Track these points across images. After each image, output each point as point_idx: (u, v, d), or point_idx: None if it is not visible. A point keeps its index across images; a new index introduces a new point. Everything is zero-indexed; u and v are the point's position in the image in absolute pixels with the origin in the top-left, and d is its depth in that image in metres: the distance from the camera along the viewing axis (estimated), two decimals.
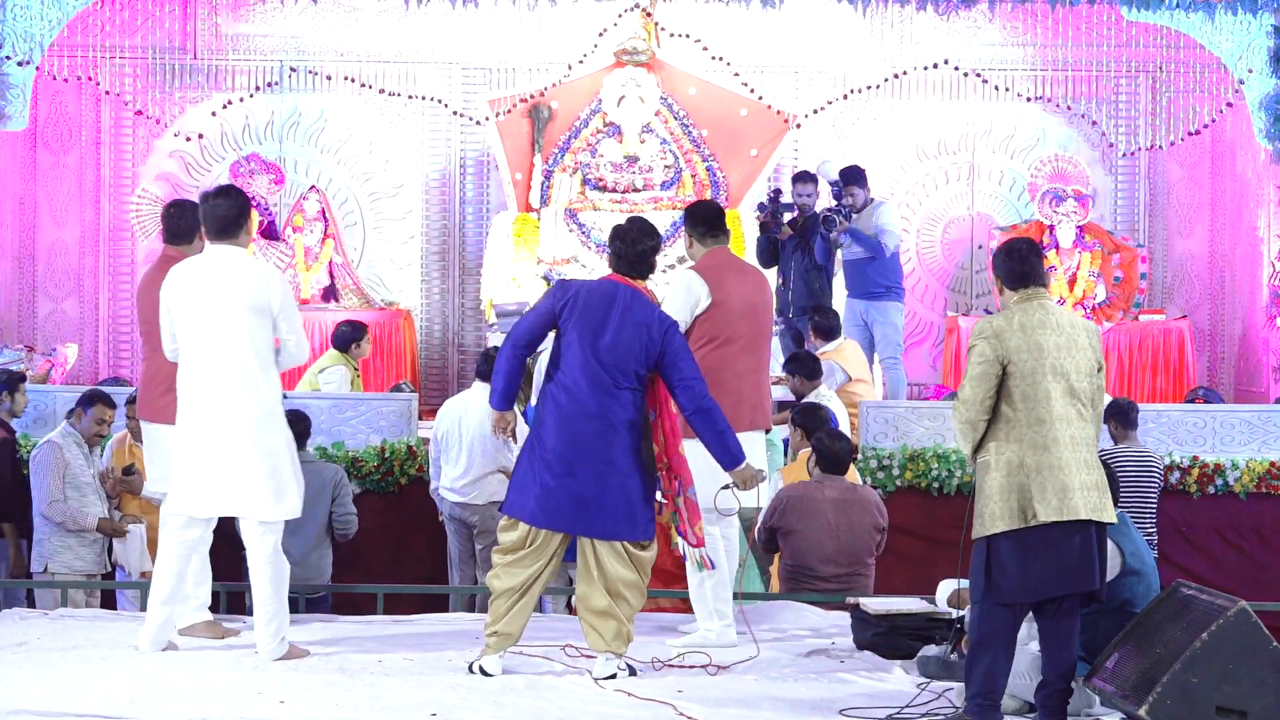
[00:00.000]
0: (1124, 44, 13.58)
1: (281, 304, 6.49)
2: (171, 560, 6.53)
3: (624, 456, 6.22)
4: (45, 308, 14.00)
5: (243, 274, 6.49)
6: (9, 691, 5.72)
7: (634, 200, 13.14)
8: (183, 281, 6.55)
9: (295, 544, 8.03)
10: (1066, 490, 5.42)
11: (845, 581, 7.75)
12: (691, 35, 13.37)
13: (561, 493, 6.18)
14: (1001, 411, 5.53)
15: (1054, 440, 5.46)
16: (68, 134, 13.98)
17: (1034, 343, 5.51)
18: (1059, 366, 5.50)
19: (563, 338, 6.31)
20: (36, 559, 8.64)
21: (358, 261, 14.02)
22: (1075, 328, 5.61)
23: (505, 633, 6.25)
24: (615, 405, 6.22)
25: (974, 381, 5.54)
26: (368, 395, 10.79)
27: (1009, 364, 5.50)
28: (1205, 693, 5.17)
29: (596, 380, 6.20)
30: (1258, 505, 9.92)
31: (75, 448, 8.62)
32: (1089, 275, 13.39)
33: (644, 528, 6.27)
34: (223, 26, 13.92)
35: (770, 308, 7.19)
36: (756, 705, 5.81)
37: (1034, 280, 5.66)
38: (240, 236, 6.58)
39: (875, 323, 11.11)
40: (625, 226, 6.55)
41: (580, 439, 6.19)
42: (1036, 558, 5.42)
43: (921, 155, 14.20)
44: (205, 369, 6.44)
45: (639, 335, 6.23)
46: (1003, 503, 5.46)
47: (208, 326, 6.43)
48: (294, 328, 6.54)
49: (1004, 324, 5.56)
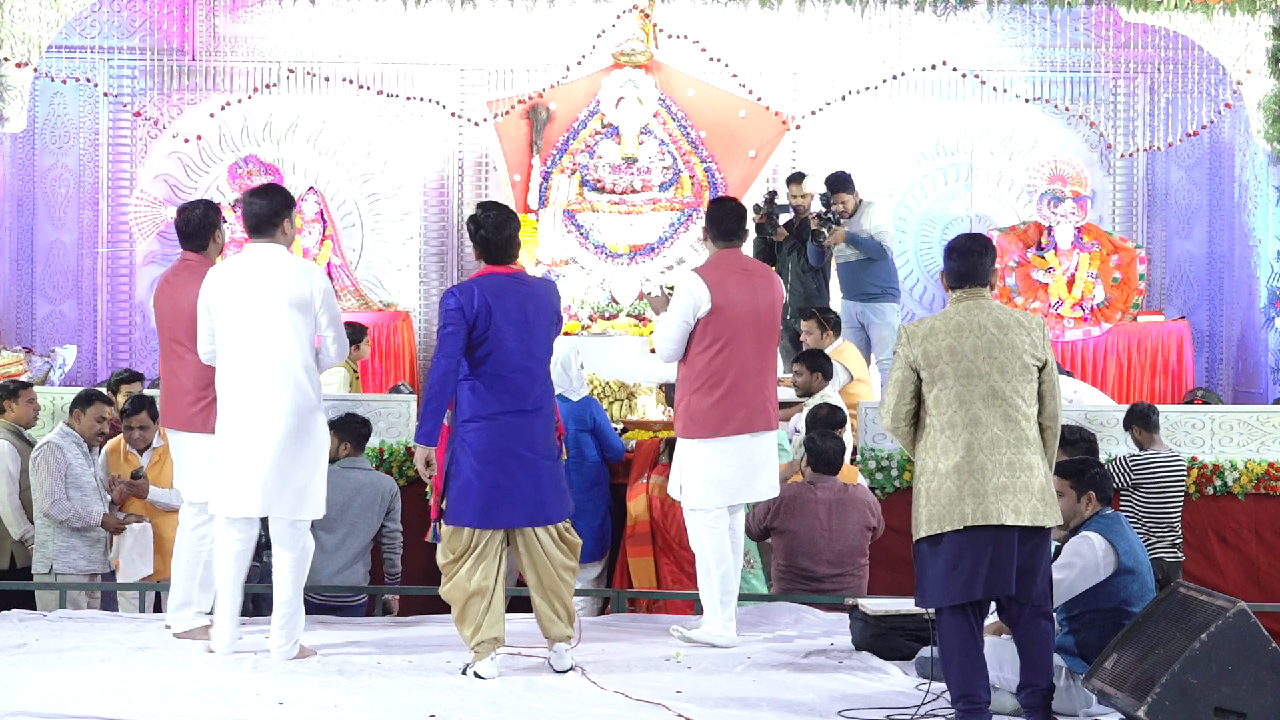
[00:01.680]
0: (1122, 45, 13.60)
1: (324, 299, 6.50)
2: (228, 563, 6.54)
3: (543, 441, 6.44)
4: (43, 309, 14.00)
5: (284, 270, 6.49)
6: (8, 693, 5.72)
7: (632, 201, 13.15)
8: (223, 281, 6.53)
9: (339, 554, 8.08)
10: (981, 495, 5.41)
11: (838, 581, 7.77)
12: (690, 37, 13.37)
13: (500, 489, 6.30)
14: (920, 417, 5.55)
15: (967, 445, 5.43)
16: (66, 135, 13.98)
17: (946, 347, 5.48)
18: (974, 369, 5.46)
19: (481, 340, 6.35)
20: (40, 560, 8.62)
21: (356, 263, 14.02)
22: (1004, 327, 5.50)
23: (492, 637, 6.30)
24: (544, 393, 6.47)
25: (889, 389, 5.61)
26: (366, 396, 10.78)
27: (920, 370, 5.51)
28: (1204, 693, 5.17)
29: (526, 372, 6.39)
30: (1256, 506, 9.91)
31: (75, 448, 8.61)
32: (1087, 276, 13.39)
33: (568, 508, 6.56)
34: (221, 28, 13.92)
35: (777, 308, 7.17)
36: (755, 705, 5.81)
37: (972, 280, 5.60)
38: (277, 234, 6.56)
39: (872, 324, 11.09)
40: (481, 215, 6.52)
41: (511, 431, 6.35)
42: (956, 562, 5.41)
43: (920, 156, 14.20)
44: (247, 367, 6.42)
45: (546, 323, 6.47)
46: (925, 508, 5.50)
47: (250, 324, 6.42)
48: (336, 324, 6.56)
49: (918, 329, 5.57)
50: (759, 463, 7.04)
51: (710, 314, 6.88)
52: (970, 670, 5.44)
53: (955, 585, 5.42)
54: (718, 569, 6.93)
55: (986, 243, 5.76)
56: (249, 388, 6.42)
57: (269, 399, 6.41)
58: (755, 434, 6.98)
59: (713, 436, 6.92)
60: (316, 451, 6.53)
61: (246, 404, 6.43)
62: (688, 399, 6.97)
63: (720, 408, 6.89)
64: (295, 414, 6.43)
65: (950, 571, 5.42)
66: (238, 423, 6.45)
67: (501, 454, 6.32)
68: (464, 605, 6.32)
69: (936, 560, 5.46)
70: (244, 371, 6.44)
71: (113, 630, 7.03)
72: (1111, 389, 12.70)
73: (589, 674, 6.24)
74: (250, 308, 6.44)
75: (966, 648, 5.45)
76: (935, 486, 5.46)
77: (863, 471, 9.67)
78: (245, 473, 6.44)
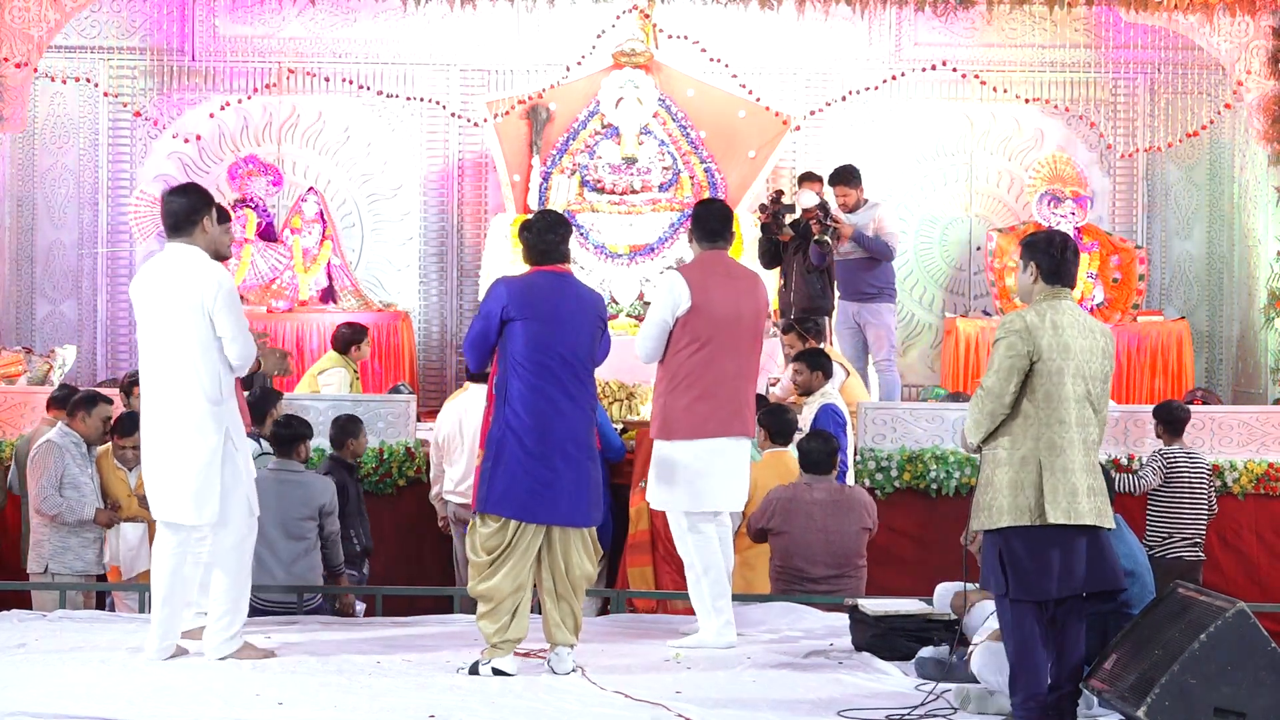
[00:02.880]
0: (1122, 45, 13.60)
1: (220, 302, 6.32)
2: (160, 572, 6.47)
3: (588, 442, 6.40)
4: (43, 309, 14.00)
5: (185, 271, 6.39)
6: (8, 693, 5.72)
7: (632, 202, 13.14)
8: (140, 281, 6.53)
9: (280, 559, 7.92)
10: (1075, 494, 5.42)
11: (835, 582, 7.76)
12: (690, 37, 13.37)
13: (545, 484, 6.25)
14: (1022, 407, 5.49)
15: (1070, 442, 5.45)
16: (66, 135, 13.97)
17: (1063, 342, 5.49)
18: (1082, 369, 5.50)
19: (513, 333, 6.35)
20: (35, 560, 8.62)
21: (356, 263, 14.02)
22: (1095, 332, 5.60)
23: (517, 637, 6.28)
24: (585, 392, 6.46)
25: (1001, 374, 5.50)
26: (366, 397, 10.79)
27: (1038, 360, 5.47)
28: (1203, 694, 5.16)
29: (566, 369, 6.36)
30: (1256, 506, 9.93)
31: (73, 448, 8.62)
32: (1087, 276, 13.39)
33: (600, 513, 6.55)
34: (221, 28, 13.92)
35: (761, 314, 7.08)
36: (754, 706, 5.80)
37: (1066, 280, 5.65)
38: (196, 233, 6.43)
39: (868, 324, 11.06)
40: (533, 219, 6.63)
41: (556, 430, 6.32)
42: (1052, 556, 5.40)
43: (919, 157, 14.20)
44: (149, 368, 6.42)
45: (590, 322, 6.47)
46: (1012, 498, 5.44)
47: (154, 325, 6.40)
48: (234, 327, 6.36)
49: (1036, 320, 5.52)
50: (734, 468, 6.95)
51: (689, 313, 6.80)
52: (1038, 669, 5.43)
53: (1049, 580, 5.40)
54: (706, 574, 6.86)
55: (1076, 245, 5.84)
56: (148, 389, 6.43)
57: (159, 400, 6.38)
58: (732, 438, 6.91)
59: (686, 438, 6.83)
60: (203, 454, 6.34)
61: (146, 405, 6.44)
62: (663, 399, 6.90)
63: (695, 410, 6.80)
64: (179, 415, 6.34)
65: (1044, 566, 5.40)
66: (144, 424, 6.47)
67: (549, 449, 6.27)
68: (499, 604, 6.26)
69: (1031, 552, 5.42)
70: (147, 372, 6.44)
71: (113, 630, 7.03)
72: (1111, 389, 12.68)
73: (589, 674, 6.23)
74: (155, 308, 6.40)
75: (1037, 644, 5.43)
76: (1030, 478, 5.42)
77: (862, 472, 9.68)
78: (148, 474, 6.48)
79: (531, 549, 6.29)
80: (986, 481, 5.54)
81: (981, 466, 5.60)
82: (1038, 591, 5.43)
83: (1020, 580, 5.43)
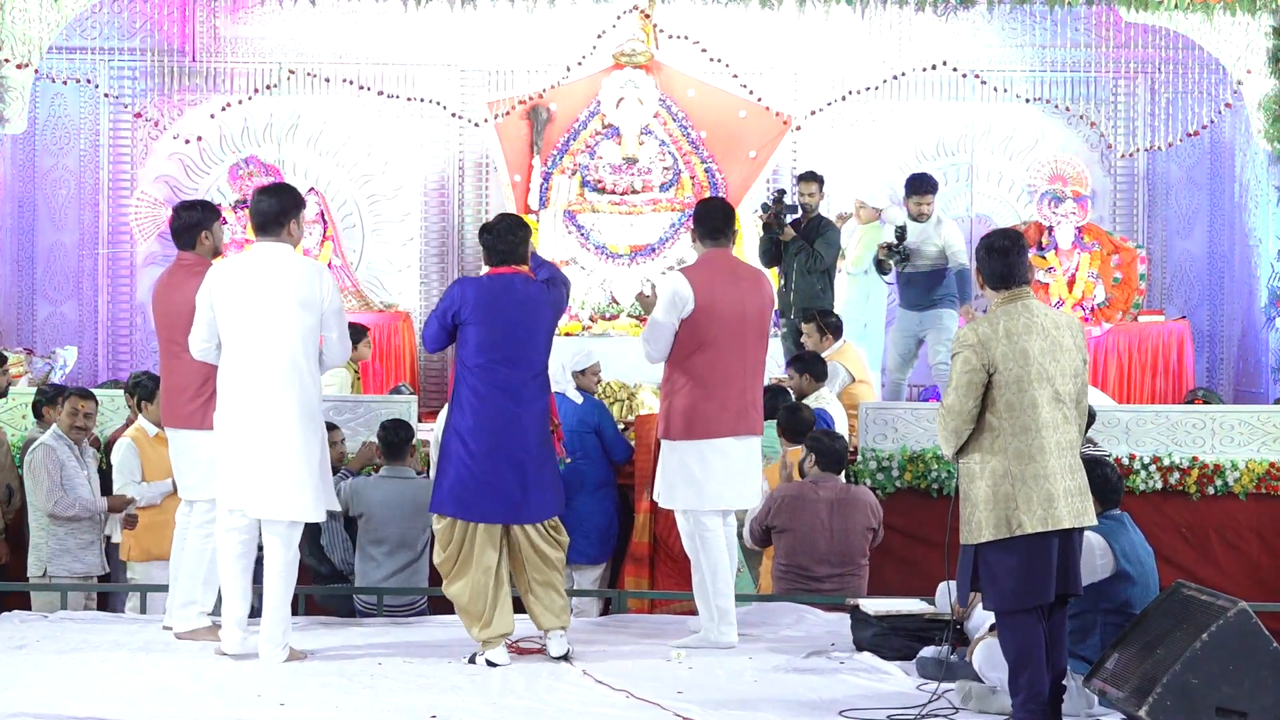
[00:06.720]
0: (1122, 45, 13.59)
1: (331, 299, 6.49)
2: (230, 562, 6.51)
3: (537, 441, 6.55)
4: (44, 310, 14.00)
5: (292, 269, 6.48)
6: (8, 693, 5.73)
7: (633, 202, 13.14)
8: (229, 278, 6.51)
9: (387, 564, 8.01)
10: (1051, 499, 5.40)
11: (839, 581, 7.76)
12: (690, 37, 13.36)
13: (485, 484, 6.40)
14: (986, 420, 5.48)
15: (1039, 448, 5.42)
16: (67, 137, 13.98)
17: (1019, 350, 5.45)
18: (1044, 372, 5.45)
19: (465, 337, 6.51)
20: (34, 563, 8.62)
21: (356, 264, 14.02)
22: (1059, 328, 5.53)
23: (501, 632, 6.36)
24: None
25: (960, 391, 5.48)
26: (367, 397, 10.78)
27: (994, 373, 5.45)
28: (1205, 693, 5.17)
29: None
30: (1257, 506, 9.91)
31: (66, 448, 8.61)
32: (1088, 276, 13.39)
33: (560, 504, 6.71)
34: (221, 29, 13.92)
35: (766, 312, 7.08)
36: (756, 706, 5.81)
37: (1016, 279, 5.57)
38: (283, 234, 6.54)
39: (931, 330, 11.02)
40: (493, 221, 6.77)
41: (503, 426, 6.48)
42: (1029, 565, 5.40)
43: (920, 157, 14.18)
44: (253, 366, 6.40)
45: (544, 321, 6.63)
46: (989, 512, 5.44)
47: (257, 323, 6.40)
48: (341, 325, 6.55)
49: (989, 331, 5.48)
50: (741, 468, 6.97)
51: (694, 314, 6.82)
52: (1040, 671, 5.43)
53: (1034, 588, 5.40)
54: (710, 574, 6.89)
55: (1019, 237, 5.74)
56: (254, 386, 6.40)
57: (274, 398, 6.39)
58: (739, 438, 6.92)
59: (693, 439, 6.85)
60: (319, 453, 6.50)
61: (251, 403, 6.41)
62: (670, 399, 6.92)
63: (702, 410, 6.82)
64: (300, 414, 6.41)
65: (1028, 575, 5.40)
66: (241, 422, 6.43)
67: (493, 449, 6.42)
68: (466, 607, 6.37)
69: (1009, 564, 5.41)
70: (249, 370, 6.41)
71: (114, 631, 7.04)
72: (1112, 389, 12.70)
73: (590, 673, 6.24)
74: (257, 306, 6.42)
75: (1037, 649, 5.43)
76: (1006, 490, 5.41)
77: (863, 473, 9.68)
78: (248, 472, 6.43)
79: (486, 548, 6.42)
80: (964, 496, 5.56)
81: (959, 481, 5.60)
82: (1032, 598, 5.43)
83: (1012, 591, 5.43)
